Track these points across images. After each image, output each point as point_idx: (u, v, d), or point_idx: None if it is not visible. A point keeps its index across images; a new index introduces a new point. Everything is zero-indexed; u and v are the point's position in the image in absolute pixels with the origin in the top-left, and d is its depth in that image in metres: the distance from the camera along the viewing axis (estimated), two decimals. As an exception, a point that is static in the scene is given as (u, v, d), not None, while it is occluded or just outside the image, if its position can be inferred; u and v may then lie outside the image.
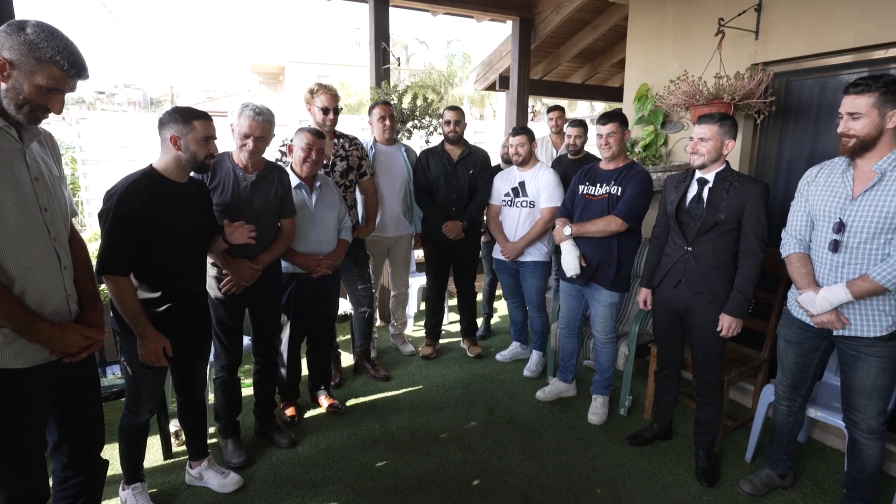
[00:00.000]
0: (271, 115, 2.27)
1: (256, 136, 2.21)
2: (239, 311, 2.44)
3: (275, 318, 2.61)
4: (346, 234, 2.82)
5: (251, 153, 2.24)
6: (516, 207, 3.34)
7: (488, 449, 2.63)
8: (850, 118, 1.76)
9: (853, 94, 1.75)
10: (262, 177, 2.34)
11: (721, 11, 2.89)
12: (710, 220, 2.24)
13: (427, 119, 3.80)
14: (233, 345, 2.44)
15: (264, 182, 2.35)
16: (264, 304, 2.51)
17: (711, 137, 2.21)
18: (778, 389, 2.22)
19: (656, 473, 2.44)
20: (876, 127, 1.73)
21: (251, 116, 2.20)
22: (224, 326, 2.39)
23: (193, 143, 1.86)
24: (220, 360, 2.45)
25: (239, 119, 2.23)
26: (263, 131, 2.23)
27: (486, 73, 5.47)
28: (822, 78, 2.70)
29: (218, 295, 2.34)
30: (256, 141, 2.22)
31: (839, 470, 2.44)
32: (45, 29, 1.27)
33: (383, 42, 3.92)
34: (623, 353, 2.96)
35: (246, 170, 2.30)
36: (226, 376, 2.46)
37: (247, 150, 2.23)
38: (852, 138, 1.77)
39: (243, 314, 2.49)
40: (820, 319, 1.89)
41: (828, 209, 1.89)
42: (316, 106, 2.92)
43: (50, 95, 1.31)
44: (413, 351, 3.82)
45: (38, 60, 1.26)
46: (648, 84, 3.43)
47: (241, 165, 2.29)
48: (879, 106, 1.71)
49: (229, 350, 2.44)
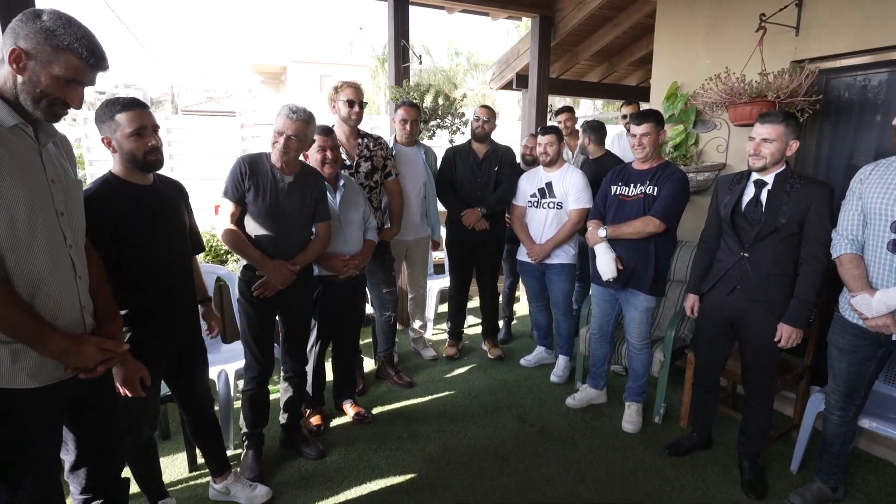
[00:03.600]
0: (308, 115, 2.19)
1: (289, 134, 2.14)
2: (270, 319, 2.36)
3: (306, 325, 2.53)
4: (371, 234, 2.74)
5: (282, 151, 2.16)
6: (543, 209, 3.26)
7: (524, 460, 2.54)
8: None
9: None
10: (298, 178, 2.27)
11: (758, 6, 2.81)
12: (769, 224, 2.13)
13: (449, 118, 3.72)
14: (264, 355, 2.34)
15: (301, 184, 2.28)
16: (296, 309, 2.42)
17: (777, 138, 2.09)
18: (830, 399, 2.13)
19: (700, 486, 2.36)
20: None
21: (286, 114, 2.16)
22: (255, 335, 2.30)
23: (123, 140, 1.63)
24: (250, 372, 2.35)
25: (276, 119, 2.19)
26: (297, 130, 2.15)
27: (502, 72, 5.38)
28: (865, 75, 2.61)
29: (252, 301, 2.25)
30: (289, 140, 2.15)
31: (890, 482, 2.35)
32: (62, 17, 1.20)
33: (403, 40, 3.83)
34: (658, 360, 2.87)
35: (283, 171, 2.22)
36: (255, 389, 2.36)
37: (278, 147, 2.16)
38: None
39: (274, 321, 2.40)
40: (875, 323, 1.81)
41: (884, 207, 1.81)
42: (341, 100, 2.86)
43: (68, 88, 1.22)
44: (435, 355, 3.73)
45: (55, 49, 1.17)
46: (678, 82, 3.34)
47: (278, 166, 2.21)
48: None
49: (261, 361, 2.34)
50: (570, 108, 4.35)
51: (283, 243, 2.26)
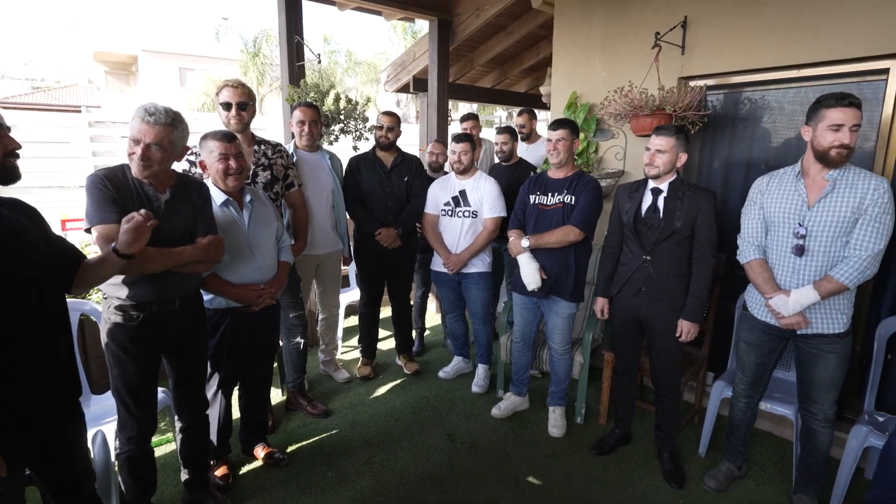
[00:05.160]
0: (171, 117, 1.77)
1: (148, 142, 1.72)
2: (153, 364, 1.94)
3: (202, 364, 2.14)
4: (286, 254, 2.41)
5: (141, 164, 1.73)
6: (458, 217, 3.19)
7: (461, 482, 2.44)
8: (850, 131, 1.81)
9: (847, 107, 1.80)
10: (177, 194, 1.87)
11: (649, 25, 3.02)
12: (667, 228, 2.29)
13: (353, 123, 3.47)
14: (143, 409, 1.91)
15: (181, 200, 1.88)
16: (190, 349, 2.03)
17: (669, 150, 2.26)
18: (738, 388, 2.34)
19: (631, 482, 2.45)
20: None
21: (141, 117, 1.72)
22: (131, 386, 1.86)
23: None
24: (126, 431, 1.91)
25: (131, 123, 1.76)
26: (158, 137, 1.73)
27: (397, 75, 5.22)
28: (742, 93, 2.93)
29: (125, 346, 1.82)
30: (148, 150, 1.73)
31: (779, 454, 2.66)
32: None
33: (297, 36, 3.50)
34: (578, 362, 2.96)
35: (155, 188, 1.82)
36: (134, 450, 1.93)
37: (135, 159, 1.73)
38: (849, 149, 1.83)
39: (159, 367, 1.98)
40: (789, 321, 2.01)
41: (786, 216, 2.01)
42: (219, 103, 2.49)
43: None
44: (348, 377, 3.47)
45: None
46: (577, 92, 3.48)
47: (145, 182, 1.79)
48: (859, 120, 1.83)
49: (139, 416, 1.91)
50: (475, 114, 4.35)
51: (172, 279, 1.84)
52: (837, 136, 1.83)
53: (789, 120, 2.76)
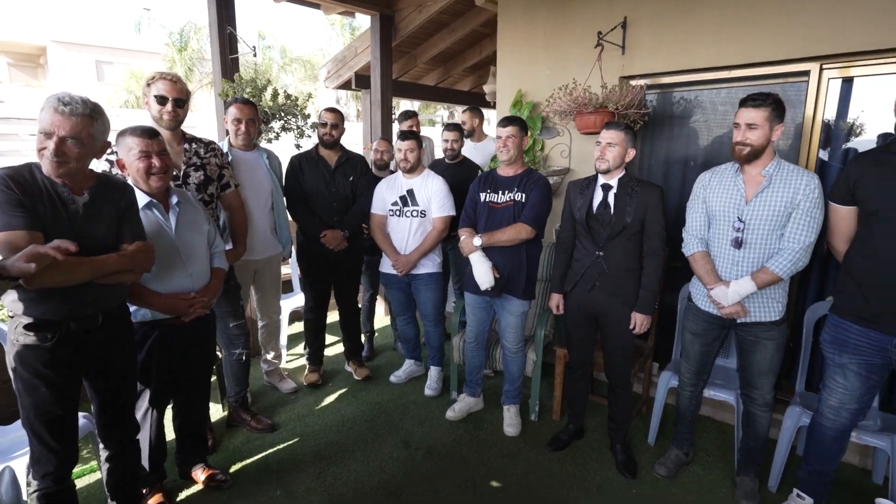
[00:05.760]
0: (89, 108, 1.59)
1: (62, 135, 1.54)
2: (73, 388, 1.73)
3: (132, 383, 1.94)
4: (219, 260, 2.23)
5: (54, 161, 1.54)
6: (406, 217, 3.11)
7: (418, 490, 2.37)
8: (748, 129, 1.96)
9: (751, 108, 1.94)
10: (97, 196, 1.67)
11: (591, 25, 3.08)
12: (618, 224, 2.32)
13: (294, 120, 3.30)
14: (62, 441, 1.70)
15: (102, 203, 1.69)
16: (116, 368, 1.82)
17: (619, 143, 2.29)
18: (683, 377, 2.42)
19: (586, 477, 2.48)
20: (766, 138, 1.96)
21: (53, 106, 1.53)
22: (47, 416, 1.65)
23: None
24: (41, 467, 1.69)
25: (40, 114, 1.56)
26: (74, 129, 1.54)
27: (338, 71, 5.05)
28: (667, 93, 3.04)
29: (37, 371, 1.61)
30: (62, 143, 1.54)
31: (721, 438, 2.78)
32: None
33: (229, 26, 3.28)
34: (531, 359, 2.96)
35: (71, 189, 1.62)
36: (50, 487, 1.71)
37: (46, 155, 1.53)
38: (748, 146, 1.98)
39: (80, 391, 1.77)
40: (728, 311, 2.09)
41: (726, 210, 2.10)
42: (152, 95, 2.27)
43: None
44: (295, 387, 3.31)
45: None
46: (522, 90, 3.50)
47: (59, 182, 1.59)
48: (770, 119, 1.93)
49: (56, 450, 1.69)
50: (415, 112, 4.28)
51: (93, 291, 1.65)
52: (735, 133, 2.00)
53: (722, 119, 2.89)
